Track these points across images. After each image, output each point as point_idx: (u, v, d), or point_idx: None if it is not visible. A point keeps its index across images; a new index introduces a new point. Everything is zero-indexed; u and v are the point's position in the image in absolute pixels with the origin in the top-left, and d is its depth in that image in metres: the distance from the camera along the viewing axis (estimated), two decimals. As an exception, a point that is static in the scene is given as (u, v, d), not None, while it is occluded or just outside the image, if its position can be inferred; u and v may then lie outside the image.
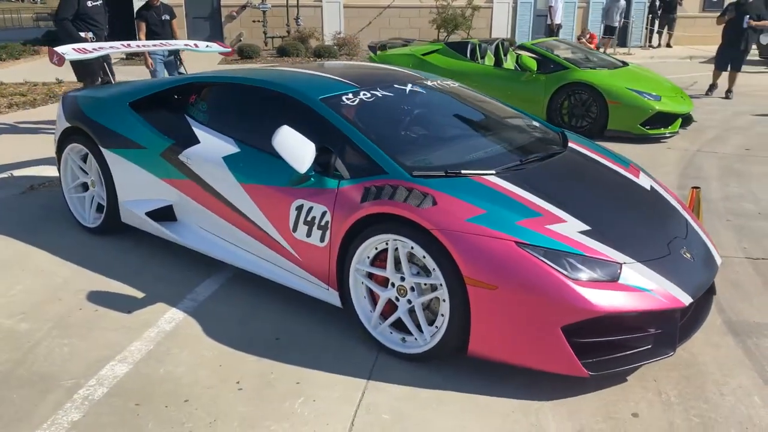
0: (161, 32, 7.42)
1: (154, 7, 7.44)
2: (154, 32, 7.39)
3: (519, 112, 4.18)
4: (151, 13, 7.41)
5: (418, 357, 2.94)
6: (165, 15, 7.53)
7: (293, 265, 3.32)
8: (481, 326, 2.71)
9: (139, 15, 7.46)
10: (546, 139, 3.80)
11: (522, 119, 4.04)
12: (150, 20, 7.38)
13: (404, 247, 2.88)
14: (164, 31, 7.45)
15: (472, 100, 4.14)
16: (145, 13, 7.40)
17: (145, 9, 7.44)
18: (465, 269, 2.67)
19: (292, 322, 3.32)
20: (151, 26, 7.39)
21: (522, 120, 4.03)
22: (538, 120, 4.14)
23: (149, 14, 7.40)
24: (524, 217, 2.81)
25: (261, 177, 3.39)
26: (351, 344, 3.12)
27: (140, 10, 7.51)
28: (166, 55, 7.36)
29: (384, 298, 3.01)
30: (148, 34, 7.35)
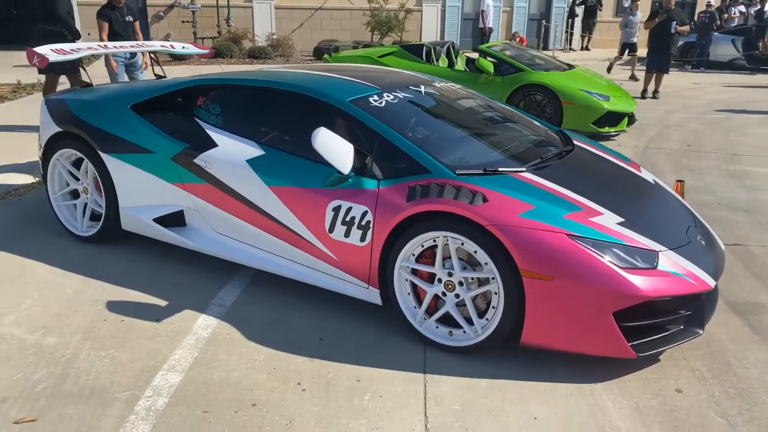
0: (124, 33, 7.14)
1: (118, 7, 7.15)
2: (117, 33, 7.10)
3: (518, 111, 4.37)
4: (115, 13, 7.12)
5: (468, 349, 3.05)
6: (129, 16, 7.26)
7: (328, 266, 3.35)
8: (536, 316, 2.85)
9: (102, 14, 7.12)
10: (554, 137, 4.00)
11: (525, 118, 4.23)
12: (114, 20, 7.08)
13: (454, 243, 2.97)
14: (127, 32, 7.18)
15: (478, 100, 4.29)
16: (109, 12, 7.09)
17: (109, 8, 7.12)
18: (521, 262, 2.80)
19: (330, 322, 3.34)
20: (114, 26, 7.09)
21: (526, 119, 4.22)
22: (536, 118, 4.34)
23: (113, 14, 7.10)
24: (569, 210, 2.97)
25: (291, 179, 3.39)
26: (395, 340, 3.19)
27: (103, 8, 7.16)
28: (128, 57, 7.10)
29: (431, 293, 3.09)
30: (110, 35, 7.05)
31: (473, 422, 2.61)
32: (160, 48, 5.45)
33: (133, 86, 4.37)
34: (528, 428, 2.59)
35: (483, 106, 4.25)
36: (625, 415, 2.68)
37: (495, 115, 4.19)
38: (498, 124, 4.06)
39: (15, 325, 3.25)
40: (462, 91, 4.33)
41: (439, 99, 3.97)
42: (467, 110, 4.14)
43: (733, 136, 8.31)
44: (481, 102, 4.31)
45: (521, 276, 2.81)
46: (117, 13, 7.15)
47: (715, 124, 9.10)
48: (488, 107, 4.27)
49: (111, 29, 7.10)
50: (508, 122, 4.08)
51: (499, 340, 2.98)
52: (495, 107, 4.30)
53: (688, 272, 2.96)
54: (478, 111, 4.20)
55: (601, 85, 8.32)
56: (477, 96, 4.40)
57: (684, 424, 2.63)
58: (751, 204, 5.51)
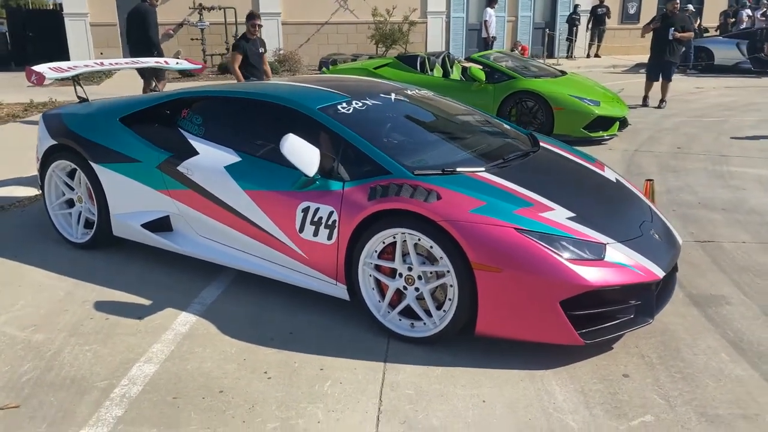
0: (257, 64, 7.54)
1: (252, 39, 7.52)
2: (251, 64, 7.47)
3: (490, 116, 4.56)
4: (250, 45, 7.47)
5: (428, 340, 3.22)
6: (261, 48, 7.65)
7: (300, 264, 3.54)
8: (488, 306, 3.02)
9: (237, 47, 7.51)
10: (520, 139, 4.17)
11: (495, 122, 4.41)
12: (248, 52, 7.44)
13: (411, 239, 3.16)
14: (259, 64, 7.58)
15: (448, 106, 4.48)
16: (244, 44, 7.46)
17: (244, 40, 7.50)
18: (471, 255, 2.97)
19: (301, 318, 3.53)
20: (248, 58, 7.45)
21: (495, 123, 4.40)
22: (508, 123, 4.52)
23: (248, 46, 7.46)
24: (519, 206, 3.14)
25: (265, 183, 3.60)
26: (361, 333, 3.37)
27: (238, 41, 7.59)
28: None
29: (393, 288, 3.27)
30: (243, 66, 7.41)
31: (424, 405, 2.78)
32: (154, 64, 5.72)
33: (122, 100, 4.63)
34: (475, 410, 2.75)
35: (454, 112, 4.44)
36: (570, 397, 2.83)
37: (465, 119, 4.38)
38: (466, 127, 4.25)
39: (7, 324, 3.49)
40: (435, 98, 4.53)
41: (408, 105, 4.17)
42: (437, 115, 4.33)
43: (725, 138, 8.39)
44: (453, 107, 4.50)
45: (473, 269, 2.99)
46: (251, 45, 7.50)
47: (709, 127, 9.19)
48: (459, 112, 4.45)
49: (245, 60, 7.43)
50: (478, 126, 4.27)
51: (456, 331, 3.15)
52: (466, 112, 4.49)
53: (636, 264, 3.10)
54: (449, 116, 4.39)
55: (592, 90, 8.46)
56: (450, 102, 4.59)
57: (625, 405, 2.78)
58: (731, 203, 5.61)
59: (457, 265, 3.03)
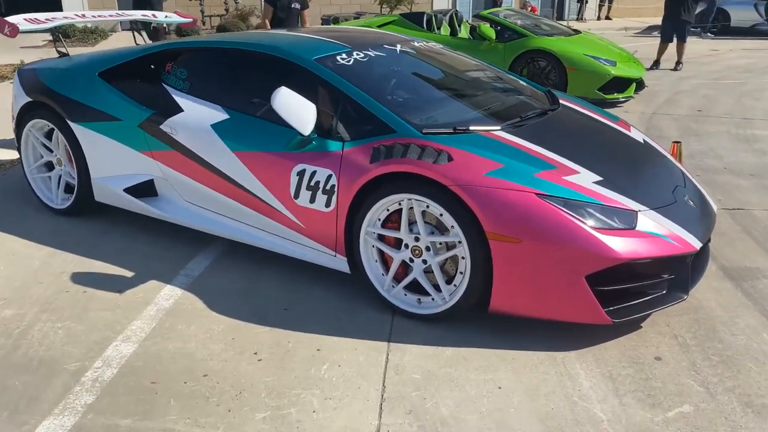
0: (286, 19, 6.85)
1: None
2: (280, 18, 6.82)
3: (504, 71, 4.17)
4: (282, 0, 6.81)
5: (436, 317, 2.90)
6: (295, 3, 6.90)
7: (296, 234, 3.21)
8: (504, 281, 2.69)
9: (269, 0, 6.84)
10: (537, 96, 3.80)
11: (509, 78, 4.03)
12: (279, 6, 6.78)
13: (419, 206, 2.82)
14: (290, 19, 6.88)
15: (459, 61, 4.09)
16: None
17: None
18: (486, 224, 2.63)
19: (297, 292, 3.21)
20: (278, 12, 6.79)
21: (510, 79, 4.01)
22: (523, 79, 4.13)
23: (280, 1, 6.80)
24: (541, 169, 2.79)
25: (256, 143, 3.25)
26: (363, 309, 3.05)
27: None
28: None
29: (398, 260, 2.94)
30: (273, 21, 6.79)
31: (432, 391, 2.47)
32: (141, 17, 5.32)
33: (102, 53, 4.24)
34: (490, 397, 2.44)
35: (465, 66, 4.06)
36: (597, 383, 2.52)
37: (477, 75, 3.99)
38: (479, 84, 3.87)
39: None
40: (444, 51, 4.14)
41: (416, 58, 3.79)
42: (446, 70, 3.95)
43: (747, 100, 7.96)
44: (464, 62, 4.11)
45: (488, 239, 2.65)
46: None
47: (729, 89, 8.74)
48: (471, 67, 4.07)
49: (275, 15, 6.79)
50: (491, 82, 3.89)
51: (467, 307, 2.83)
52: (480, 67, 4.10)
53: (670, 233, 2.77)
54: (459, 71, 4.01)
55: (608, 50, 8.02)
56: (460, 56, 4.20)
57: (659, 392, 2.47)
58: (758, 168, 5.24)
59: (469, 235, 2.69)
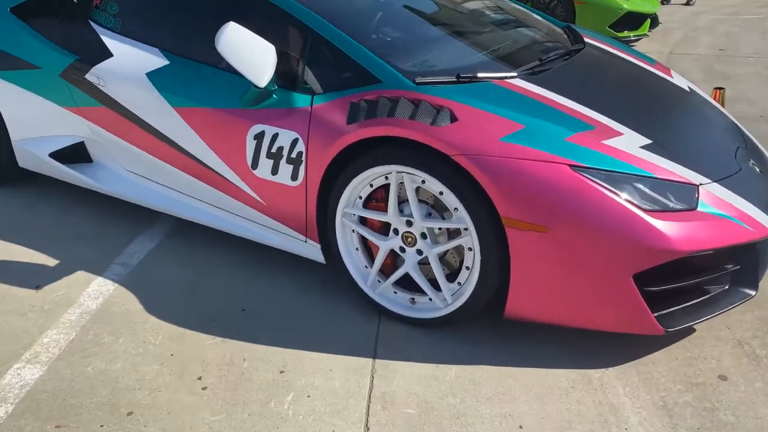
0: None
1: None
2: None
3: (513, 1, 3.41)
4: None
5: (434, 323, 2.27)
6: None
7: (256, 213, 2.54)
8: (525, 280, 2.04)
9: None
10: (556, 33, 3.07)
11: (520, 11, 3.28)
12: None
13: (412, 181, 2.14)
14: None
15: (459, -11, 3.33)
16: None
17: None
18: (503, 207, 1.97)
19: (259, 286, 2.56)
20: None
21: (522, 11, 3.26)
22: (536, 11, 3.38)
23: None
24: (574, 130, 2.10)
25: (202, 97, 2.53)
26: (341, 311, 2.41)
27: None
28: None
29: (384, 249, 2.28)
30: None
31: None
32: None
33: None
34: (509, 445, 1.83)
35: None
36: (648, 417, 1.91)
37: (482, 8, 3.23)
38: (485, 19, 3.12)
39: None
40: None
41: (406, -14, 3.03)
42: (444, 2, 3.19)
43: (773, 37, 7.22)
44: (465, -9, 3.35)
45: (504, 226, 1.99)
46: None
47: (750, 25, 7.97)
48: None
49: None
50: (499, 16, 3.14)
51: (475, 311, 2.19)
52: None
53: (740, 213, 2.11)
54: (459, 3, 3.25)
55: (619, -19, 7.17)
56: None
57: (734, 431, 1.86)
58: (800, 116, 4.57)
59: (479, 221, 2.03)
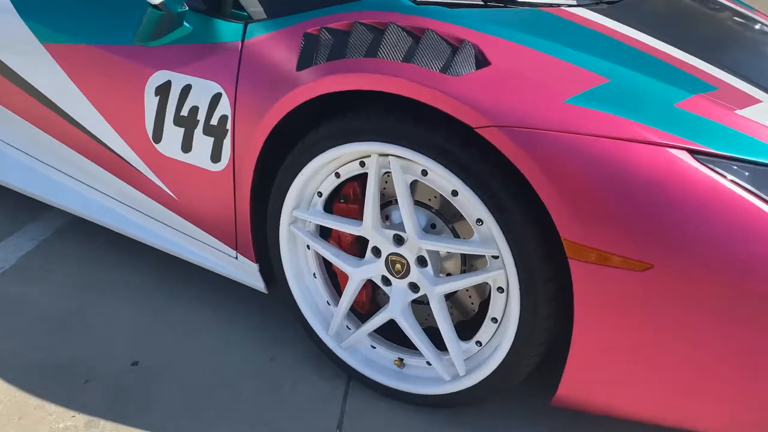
0: None
1: None
2: None
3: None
4: None
5: (433, 402, 1.39)
6: None
7: (165, 211, 1.65)
8: (596, 348, 1.17)
9: None
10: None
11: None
12: None
13: (405, 170, 1.25)
14: None
15: None
16: None
17: None
18: (567, 224, 1.08)
19: (167, 326, 1.68)
20: None
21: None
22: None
23: None
24: (687, 92, 1.20)
25: (81, 29, 1.63)
26: (288, 372, 1.53)
27: None
28: None
29: (358, 279, 1.40)
30: None
31: None
32: None
33: None
34: None
35: None
36: None
37: None
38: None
39: None
40: None
41: None
42: None
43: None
44: None
45: (566, 257, 1.11)
46: None
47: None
48: None
49: None
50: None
51: (502, 392, 1.32)
52: None
53: None
54: None
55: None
56: None
57: None
58: None
59: (522, 245, 1.15)
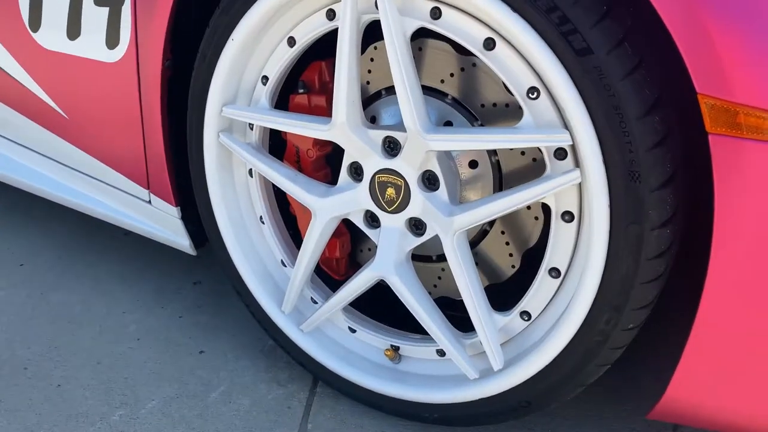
0: None
1: None
2: None
3: None
4: None
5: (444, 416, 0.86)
6: None
7: (51, 136, 1.14)
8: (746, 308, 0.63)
9: None
10: None
11: None
12: None
13: (404, 10, 0.73)
14: None
15: None
16: None
17: None
18: (708, 71, 0.56)
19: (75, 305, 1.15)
20: None
21: None
22: None
23: None
24: None
25: None
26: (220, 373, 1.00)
27: None
28: None
29: (325, 218, 0.86)
30: None
31: None
32: None
33: None
34: None
35: None
36: None
37: None
38: None
39: None
40: None
41: None
42: None
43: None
44: None
45: (708, 132, 0.58)
46: None
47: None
48: None
49: None
50: None
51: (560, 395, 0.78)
52: None
53: None
54: None
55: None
56: None
57: None
58: None
59: (614, 126, 0.62)
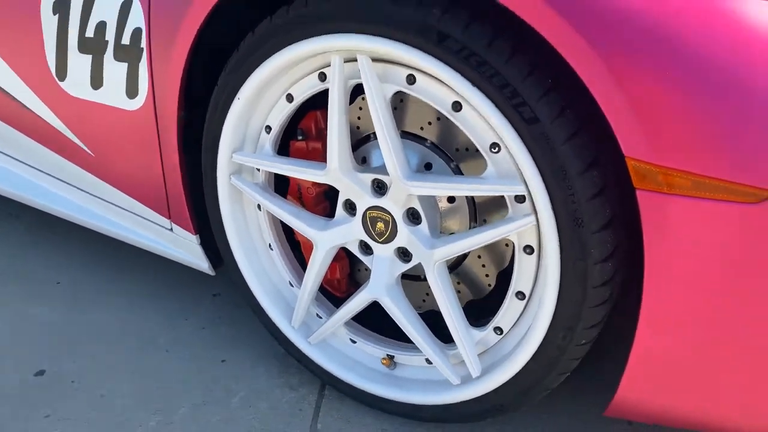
0: None
1: None
2: None
3: None
4: None
5: (433, 415, 1.00)
6: None
7: (79, 171, 1.27)
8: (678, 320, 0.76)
9: None
10: None
11: None
12: None
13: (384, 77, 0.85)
14: None
15: None
16: None
17: None
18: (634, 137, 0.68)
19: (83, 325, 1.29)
20: None
21: None
22: None
23: None
24: None
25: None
26: (240, 380, 1.14)
27: None
28: None
29: (326, 245, 0.99)
30: None
31: None
32: None
33: None
34: None
35: None
36: None
37: None
38: None
39: None
40: None
41: None
42: None
43: None
44: None
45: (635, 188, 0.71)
46: None
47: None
48: None
49: None
50: None
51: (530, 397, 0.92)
52: None
53: None
54: None
55: None
56: None
57: None
58: None
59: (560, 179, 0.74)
